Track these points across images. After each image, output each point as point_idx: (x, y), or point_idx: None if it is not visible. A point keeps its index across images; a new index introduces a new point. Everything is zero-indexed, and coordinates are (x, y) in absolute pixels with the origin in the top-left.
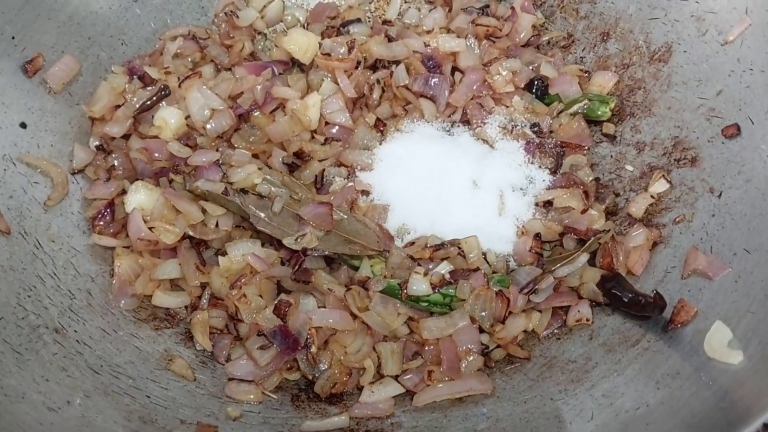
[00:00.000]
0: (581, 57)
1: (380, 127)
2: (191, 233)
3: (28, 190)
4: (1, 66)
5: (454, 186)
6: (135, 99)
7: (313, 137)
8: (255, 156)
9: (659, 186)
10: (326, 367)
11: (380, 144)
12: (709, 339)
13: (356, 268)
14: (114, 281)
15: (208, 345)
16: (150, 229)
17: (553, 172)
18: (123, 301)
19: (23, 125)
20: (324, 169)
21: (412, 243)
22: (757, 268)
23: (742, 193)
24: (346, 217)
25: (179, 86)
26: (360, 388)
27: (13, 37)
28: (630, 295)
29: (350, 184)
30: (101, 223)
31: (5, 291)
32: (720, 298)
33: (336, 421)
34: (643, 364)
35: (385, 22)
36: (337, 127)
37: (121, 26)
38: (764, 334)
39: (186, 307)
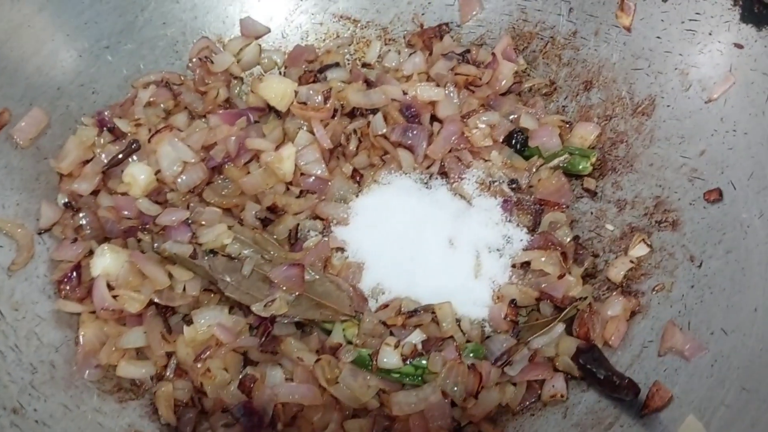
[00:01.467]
0: (563, 106)
1: (357, 177)
2: (157, 299)
3: None
4: None
5: (431, 245)
6: (104, 154)
7: (287, 189)
8: (228, 210)
9: (639, 250)
10: None
11: (357, 196)
12: None
13: (328, 332)
14: (78, 351)
15: (173, 419)
16: (115, 297)
17: (531, 231)
18: (87, 372)
19: None
20: (298, 224)
21: (386, 305)
22: (734, 352)
23: (722, 264)
24: (318, 277)
25: (149, 140)
26: None
27: None
28: (605, 374)
29: (325, 239)
30: (67, 287)
31: None
32: (695, 383)
33: None
34: None
35: (365, 65)
36: (312, 178)
37: (92, 74)
38: None
39: (152, 377)
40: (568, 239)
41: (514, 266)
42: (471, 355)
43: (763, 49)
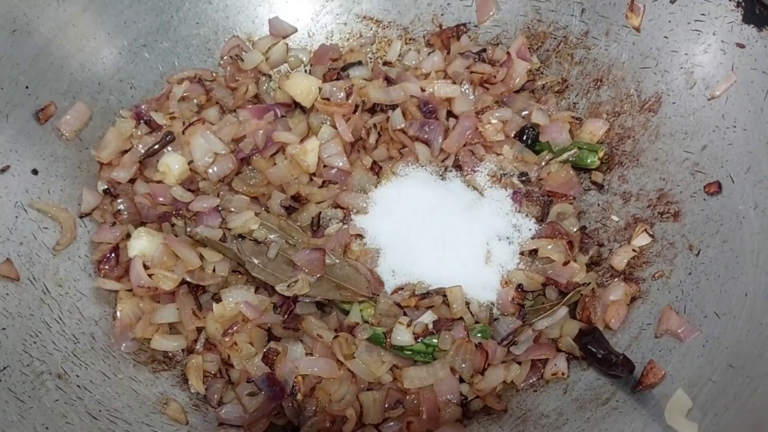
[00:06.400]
0: (574, 103)
1: (376, 169)
2: (189, 279)
3: (38, 236)
4: (15, 115)
5: (444, 233)
6: (141, 145)
7: (311, 179)
8: (255, 198)
9: (642, 239)
10: (311, 414)
11: (376, 187)
12: (670, 407)
13: (346, 312)
14: (116, 324)
15: (202, 389)
16: (150, 275)
17: (540, 221)
18: (124, 344)
19: (35, 172)
20: (321, 212)
21: (401, 288)
22: (724, 334)
23: (718, 253)
24: (338, 261)
25: (183, 132)
26: None
27: (27, 87)
28: (603, 353)
29: (345, 227)
30: (106, 266)
31: (12, 338)
32: (687, 362)
33: None
34: (609, 424)
35: (386, 63)
36: (334, 170)
37: (131, 70)
38: (720, 406)
39: (183, 350)
40: (575, 229)
41: (522, 253)
42: (479, 335)
43: (763, 48)
